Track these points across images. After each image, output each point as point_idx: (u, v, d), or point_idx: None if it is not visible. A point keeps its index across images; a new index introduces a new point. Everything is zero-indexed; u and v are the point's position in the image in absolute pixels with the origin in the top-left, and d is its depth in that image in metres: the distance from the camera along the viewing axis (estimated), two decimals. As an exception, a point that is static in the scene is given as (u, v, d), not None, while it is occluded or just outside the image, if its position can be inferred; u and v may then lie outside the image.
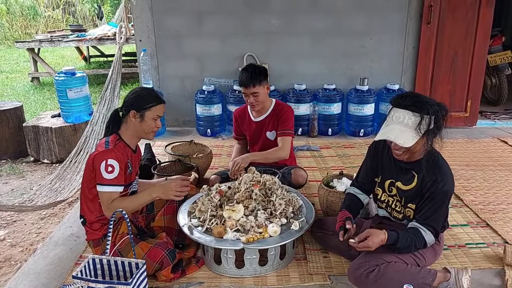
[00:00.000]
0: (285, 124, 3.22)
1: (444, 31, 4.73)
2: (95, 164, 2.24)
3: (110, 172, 2.22)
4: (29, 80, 8.38)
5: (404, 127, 2.03)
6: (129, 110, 2.36)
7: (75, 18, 15.10)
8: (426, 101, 2.05)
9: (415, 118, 2.02)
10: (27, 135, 4.48)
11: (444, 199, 2.12)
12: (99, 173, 2.22)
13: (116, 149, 2.29)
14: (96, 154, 2.25)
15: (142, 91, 2.47)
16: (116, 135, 2.38)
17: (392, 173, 2.28)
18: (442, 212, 2.14)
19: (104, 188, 2.24)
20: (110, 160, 2.22)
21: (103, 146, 2.28)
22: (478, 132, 4.89)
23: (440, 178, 2.10)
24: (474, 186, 3.49)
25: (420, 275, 2.13)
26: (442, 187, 2.09)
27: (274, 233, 2.32)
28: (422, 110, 2.01)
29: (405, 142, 2.03)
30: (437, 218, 2.13)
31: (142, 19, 4.80)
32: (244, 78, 3.06)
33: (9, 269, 2.73)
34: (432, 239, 2.13)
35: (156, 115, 2.40)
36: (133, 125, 2.38)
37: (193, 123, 5.04)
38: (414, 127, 2.02)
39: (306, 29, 4.86)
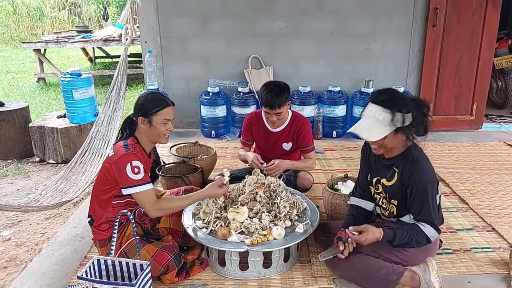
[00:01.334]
0: (306, 141, 3.22)
1: (450, 34, 4.72)
2: (118, 168, 2.23)
3: (137, 173, 2.23)
4: (35, 81, 8.43)
5: (375, 121, 2.09)
6: (137, 116, 2.37)
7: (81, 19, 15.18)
8: (401, 98, 2.09)
9: (385, 114, 2.06)
10: (33, 135, 4.50)
11: (425, 190, 2.12)
12: (125, 176, 2.22)
13: (136, 151, 2.31)
14: (119, 158, 2.25)
15: (148, 95, 2.43)
16: (134, 138, 2.39)
17: (378, 170, 2.33)
18: (430, 203, 2.13)
19: (137, 189, 2.24)
20: (134, 162, 2.23)
21: (123, 150, 2.27)
22: (483, 136, 4.87)
23: (415, 170, 2.13)
24: (479, 190, 3.47)
25: (384, 270, 2.16)
26: (420, 179, 2.11)
27: (279, 236, 2.32)
28: (393, 107, 2.05)
29: (371, 136, 2.10)
30: (427, 211, 2.14)
31: (148, 21, 4.82)
32: (269, 100, 2.97)
33: (15, 268, 2.74)
34: (434, 232, 2.15)
35: (164, 118, 2.37)
36: (143, 130, 2.39)
37: (197, 124, 5.05)
38: (384, 122, 2.06)
39: (311, 32, 4.86)
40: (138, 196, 2.27)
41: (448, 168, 3.90)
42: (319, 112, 4.78)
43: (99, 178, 2.37)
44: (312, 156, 3.29)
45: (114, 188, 2.32)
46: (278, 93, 2.96)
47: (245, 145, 3.41)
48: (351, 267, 2.20)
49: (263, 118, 3.26)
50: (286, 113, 3.15)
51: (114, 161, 2.26)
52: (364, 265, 2.18)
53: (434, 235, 2.15)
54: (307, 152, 3.27)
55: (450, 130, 5.00)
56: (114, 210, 2.35)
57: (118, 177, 2.25)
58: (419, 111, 2.09)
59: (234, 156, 4.30)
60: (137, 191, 2.24)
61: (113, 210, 2.35)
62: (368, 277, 2.19)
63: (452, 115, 5.00)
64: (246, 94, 4.77)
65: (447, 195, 3.41)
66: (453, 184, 3.57)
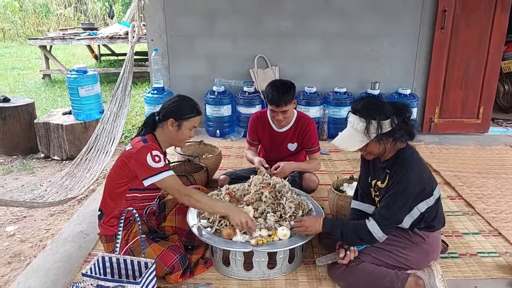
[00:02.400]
0: (311, 142, 3.22)
1: (457, 37, 4.69)
2: (138, 160, 2.23)
3: (158, 161, 2.24)
4: (41, 77, 8.45)
5: (354, 131, 2.13)
6: (168, 118, 2.38)
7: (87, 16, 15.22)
8: (378, 106, 2.11)
9: (362, 124, 2.09)
10: (38, 131, 4.51)
11: (400, 190, 2.10)
12: (147, 166, 2.22)
13: (154, 145, 2.33)
14: (138, 150, 2.25)
15: (183, 100, 2.47)
16: (152, 136, 2.41)
17: (375, 173, 2.33)
18: (395, 205, 2.11)
19: (161, 176, 2.24)
20: (154, 152, 2.25)
21: (141, 143, 2.30)
22: (490, 139, 4.84)
23: (399, 171, 2.12)
24: (486, 194, 3.45)
25: (388, 277, 2.14)
26: (400, 180, 2.10)
27: (284, 236, 2.31)
28: (368, 116, 2.08)
29: (349, 146, 2.14)
30: (387, 210, 2.13)
31: (154, 19, 4.82)
32: (275, 97, 2.96)
33: (19, 264, 2.74)
34: (378, 230, 2.13)
35: (193, 126, 2.45)
36: (169, 132, 2.41)
37: (202, 123, 5.05)
38: (361, 131, 2.09)
39: (318, 32, 4.85)
40: (164, 183, 2.27)
41: (454, 172, 3.88)
42: (324, 113, 4.77)
43: (113, 172, 2.37)
44: (317, 157, 3.28)
45: (129, 181, 2.31)
46: (284, 91, 2.95)
47: (252, 145, 3.40)
48: (354, 277, 2.18)
49: (268, 118, 3.25)
50: (291, 112, 3.13)
51: (133, 153, 2.26)
52: (367, 274, 2.16)
53: (379, 233, 2.13)
54: (313, 153, 3.26)
55: (456, 133, 4.97)
56: (128, 203, 2.34)
57: (138, 169, 2.24)
58: (399, 117, 2.10)
59: (239, 155, 4.29)
60: (161, 177, 2.24)
61: (127, 203, 2.34)
62: (372, 286, 2.16)
63: (459, 118, 4.98)
64: (251, 94, 4.76)
65: (453, 199, 3.39)
66: (459, 187, 3.55)
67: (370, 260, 2.21)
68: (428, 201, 2.18)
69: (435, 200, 2.20)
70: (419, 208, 2.18)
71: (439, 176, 3.81)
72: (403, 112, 2.13)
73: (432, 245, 2.26)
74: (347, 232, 2.21)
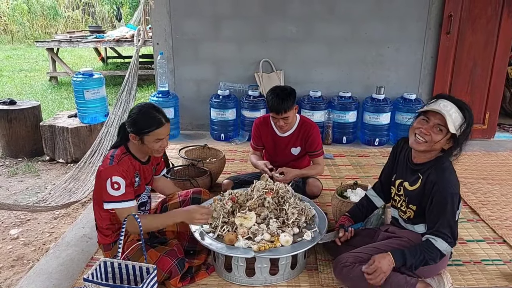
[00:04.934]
0: (314, 146, 3.21)
1: (463, 42, 4.67)
2: (100, 182, 2.22)
3: (116, 189, 2.18)
4: (48, 79, 8.50)
5: (448, 116, 2.02)
6: (129, 131, 2.28)
7: (94, 19, 15.31)
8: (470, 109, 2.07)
9: (458, 114, 2.03)
10: (44, 134, 4.53)
11: (445, 201, 2.07)
12: (105, 191, 2.19)
13: (121, 164, 2.24)
14: (101, 171, 2.22)
15: (140, 111, 2.29)
16: (124, 147, 2.34)
17: (403, 173, 2.30)
18: (448, 216, 2.08)
19: (115, 205, 2.20)
20: (114, 178, 2.17)
21: (108, 162, 2.24)
22: (496, 145, 4.81)
23: (440, 180, 2.09)
24: (491, 201, 3.42)
25: (396, 281, 2.11)
26: (443, 190, 2.07)
27: (286, 243, 2.30)
28: (466, 113, 2.03)
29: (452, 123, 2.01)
30: (443, 223, 2.09)
31: (160, 23, 4.84)
32: (275, 104, 2.95)
33: (22, 268, 2.75)
34: (446, 246, 2.09)
35: (156, 138, 2.27)
36: (135, 145, 2.33)
37: (207, 127, 5.05)
38: (454, 121, 2.02)
39: (323, 37, 4.84)
40: (117, 212, 2.24)
41: (459, 177, 3.83)
42: (329, 118, 4.75)
43: (96, 186, 2.34)
44: (320, 161, 3.27)
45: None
46: (284, 98, 2.95)
47: (256, 149, 3.40)
48: (361, 279, 2.15)
49: (271, 122, 3.25)
50: (293, 117, 3.13)
51: (98, 172, 2.24)
52: None
53: (447, 248, 2.11)
54: (316, 157, 3.25)
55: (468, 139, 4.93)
56: (111, 218, 2.34)
57: (101, 190, 2.22)
58: (469, 127, 2.06)
59: (243, 159, 4.29)
60: (116, 207, 2.21)
61: (110, 217, 2.34)
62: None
63: (464, 124, 4.94)
64: (256, 98, 4.76)
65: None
66: (464, 194, 3.52)
67: None
68: (457, 212, 2.15)
69: (458, 213, 2.18)
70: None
71: (444, 182, 3.78)
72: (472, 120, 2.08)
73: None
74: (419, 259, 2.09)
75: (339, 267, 2.22)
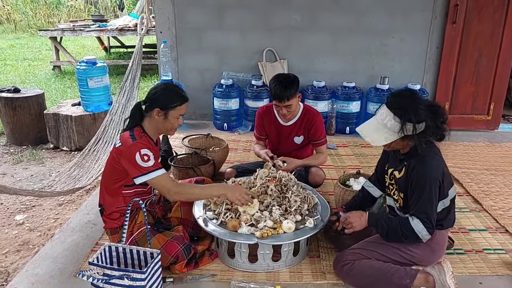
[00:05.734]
0: (318, 134, 3.21)
1: (469, 32, 4.64)
2: (128, 159, 2.22)
3: (147, 160, 2.22)
4: (51, 68, 8.51)
5: (382, 126, 2.08)
6: (153, 107, 2.33)
7: (97, 8, 15.24)
8: (416, 107, 2.03)
9: (394, 122, 2.04)
10: (48, 122, 4.55)
11: (424, 185, 2.08)
12: (136, 165, 2.20)
13: (143, 141, 2.29)
14: (127, 149, 2.23)
15: (167, 88, 2.39)
16: (140, 128, 2.37)
17: (393, 162, 2.33)
18: (426, 200, 2.09)
19: (151, 175, 2.22)
20: (143, 150, 2.22)
21: (130, 140, 2.26)
22: (500, 136, 4.80)
23: (419, 165, 2.11)
24: (494, 191, 3.42)
25: (396, 274, 2.13)
26: (421, 174, 2.09)
27: (289, 230, 2.32)
28: (405, 116, 2.02)
29: (375, 141, 2.10)
30: (421, 206, 2.10)
31: (164, 11, 4.82)
32: (278, 92, 2.95)
33: (27, 252, 2.79)
34: (422, 228, 2.10)
35: (179, 114, 2.39)
36: (156, 121, 2.36)
37: (210, 116, 5.06)
38: (392, 129, 2.05)
39: (327, 26, 4.82)
40: (154, 182, 2.26)
41: (462, 168, 3.85)
42: (333, 108, 4.75)
43: (108, 168, 2.36)
44: (323, 150, 3.27)
45: (123, 178, 2.31)
46: (286, 86, 2.94)
47: (259, 139, 3.41)
48: (362, 274, 2.18)
49: (274, 111, 3.25)
50: (296, 106, 3.12)
51: (122, 152, 2.25)
52: (375, 270, 2.16)
53: (423, 231, 2.11)
54: (319, 146, 3.25)
55: (466, 129, 4.92)
56: (125, 199, 2.36)
57: (128, 167, 2.23)
58: (434, 121, 2.05)
59: (246, 149, 4.30)
60: (151, 177, 2.23)
61: (124, 199, 2.37)
62: (381, 283, 2.15)
63: (469, 115, 4.93)
64: (259, 88, 4.75)
65: (461, 195, 3.37)
66: (467, 184, 3.53)
67: (376, 257, 2.21)
68: (445, 201, 2.17)
69: (450, 200, 2.19)
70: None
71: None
72: (439, 115, 2.08)
73: (439, 243, 2.25)
74: (392, 228, 2.17)
75: (339, 266, 2.25)
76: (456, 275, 2.29)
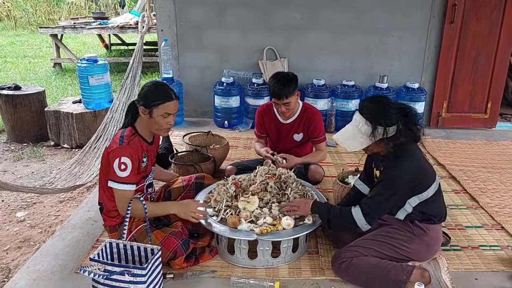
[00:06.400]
0: (317, 132, 3.24)
1: (467, 31, 4.66)
2: (109, 160, 2.26)
3: (123, 170, 2.23)
4: (51, 66, 8.52)
5: (357, 132, 2.16)
6: (139, 105, 2.33)
7: (98, 5, 15.23)
8: (386, 110, 2.11)
9: (367, 127, 2.12)
10: (48, 119, 4.57)
11: (384, 183, 2.17)
12: (112, 169, 2.24)
13: (131, 145, 2.29)
14: (112, 150, 2.27)
15: (152, 86, 2.37)
16: (132, 128, 2.39)
17: (377, 162, 2.39)
18: (379, 195, 2.18)
19: (116, 185, 2.25)
20: (123, 158, 2.22)
21: (117, 143, 2.28)
22: (497, 135, 4.83)
23: (390, 165, 2.18)
24: (490, 189, 3.45)
25: (393, 270, 2.17)
26: (388, 173, 2.18)
27: (288, 226, 2.35)
28: (375, 121, 2.10)
29: (351, 146, 2.19)
30: (371, 199, 2.21)
31: (164, 9, 4.84)
32: (276, 90, 2.99)
33: (28, 249, 2.82)
34: (361, 217, 2.18)
35: (165, 112, 2.31)
36: (143, 120, 2.37)
37: (210, 114, 5.08)
38: (366, 134, 2.12)
39: (327, 25, 4.84)
40: (116, 193, 2.29)
41: (459, 166, 3.89)
42: (332, 106, 4.78)
43: (103, 167, 2.38)
44: (322, 148, 3.31)
45: None
46: (285, 84, 2.98)
47: (260, 137, 3.45)
48: (359, 271, 2.21)
49: (274, 110, 3.28)
50: (295, 103, 3.16)
51: (109, 152, 2.28)
52: (372, 267, 2.19)
53: (361, 220, 2.19)
54: (318, 143, 3.29)
55: (464, 127, 4.95)
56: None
57: (109, 168, 2.27)
58: (405, 123, 2.12)
59: (246, 146, 4.33)
60: (116, 187, 2.26)
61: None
62: (378, 280, 2.19)
63: (466, 113, 4.96)
64: (260, 86, 4.78)
65: (458, 193, 3.40)
66: (464, 181, 3.56)
67: (373, 254, 2.24)
68: (421, 196, 2.22)
69: (430, 196, 2.23)
70: (411, 203, 2.23)
71: (444, 170, 3.82)
72: (410, 117, 2.14)
73: (433, 238, 2.29)
74: (333, 215, 2.28)
75: (337, 263, 2.27)
76: (452, 271, 2.32)
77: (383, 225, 2.35)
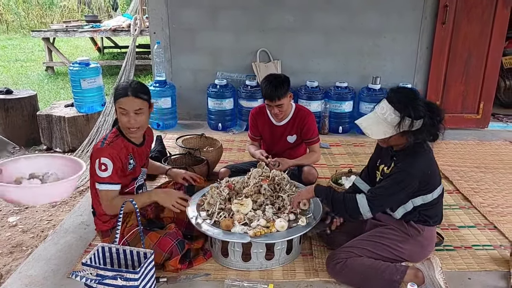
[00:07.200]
0: (310, 133, 3.25)
1: (459, 32, 4.69)
2: (91, 162, 2.28)
3: (104, 170, 2.23)
4: (44, 69, 8.48)
5: (383, 120, 2.10)
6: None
7: (90, 8, 15.19)
8: (416, 103, 2.07)
9: (395, 116, 2.06)
10: (41, 123, 4.54)
11: (398, 178, 2.14)
12: (94, 171, 2.26)
13: (113, 146, 2.29)
14: (93, 152, 2.29)
15: (123, 83, 2.36)
16: (117, 129, 2.38)
17: (385, 159, 2.35)
18: (387, 186, 2.16)
19: (98, 185, 2.27)
20: (102, 159, 2.23)
21: (99, 144, 2.30)
22: (489, 135, 4.86)
23: (405, 159, 2.15)
24: (483, 189, 3.47)
25: (387, 271, 2.17)
26: (401, 166, 2.15)
27: (281, 228, 2.35)
28: (404, 111, 2.04)
29: (374, 134, 2.13)
30: (378, 189, 2.20)
31: (157, 12, 4.83)
32: (269, 92, 3.00)
33: (20, 254, 2.79)
34: (365, 206, 2.16)
35: (120, 107, 2.27)
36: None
37: (204, 116, 5.07)
38: (391, 123, 2.07)
39: (320, 26, 4.85)
40: (99, 193, 2.30)
41: (452, 166, 3.90)
42: (326, 108, 4.78)
43: (91, 171, 2.37)
44: (316, 149, 3.31)
45: None
46: (277, 85, 2.98)
47: (254, 140, 3.45)
48: (353, 272, 2.21)
49: (267, 112, 3.29)
50: (288, 105, 3.16)
51: (90, 154, 2.30)
52: (366, 267, 2.20)
53: (365, 209, 2.16)
54: (312, 144, 3.29)
55: (456, 128, 4.97)
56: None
57: (92, 171, 2.28)
58: (431, 119, 2.08)
59: (240, 149, 4.32)
60: (99, 187, 2.27)
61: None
62: (372, 280, 2.19)
63: (459, 113, 4.99)
64: (253, 88, 4.78)
65: (450, 193, 3.42)
66: (457, 182, 3.58)
67: (367, 254, 2.25)
68: (425, 197, 2.21)
69: (434, 198, 2.23)
70: (414, 202, 2.22)
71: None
72: (436, 114, 2.11)
73: (427, 239, 2.30)
74: (336, 200, 2.26)
75: (332, 264, 2.27)
76: (445, 271, 2.32)
77: (378, 226, 2.35)
